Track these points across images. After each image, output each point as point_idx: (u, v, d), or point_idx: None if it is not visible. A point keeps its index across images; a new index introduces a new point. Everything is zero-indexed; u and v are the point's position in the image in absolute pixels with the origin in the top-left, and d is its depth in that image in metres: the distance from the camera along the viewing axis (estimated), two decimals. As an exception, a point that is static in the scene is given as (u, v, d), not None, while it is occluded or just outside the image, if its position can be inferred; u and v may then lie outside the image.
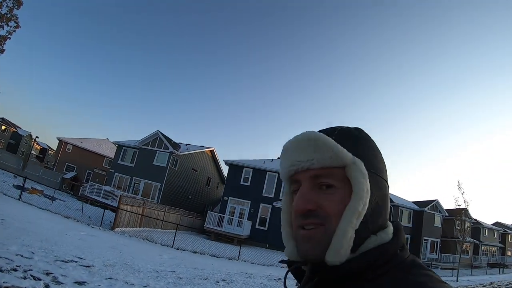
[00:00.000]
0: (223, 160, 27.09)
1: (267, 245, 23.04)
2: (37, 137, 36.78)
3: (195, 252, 14.71)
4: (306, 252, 0.55)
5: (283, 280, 0.63)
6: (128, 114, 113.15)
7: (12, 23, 11.28)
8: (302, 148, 0.58)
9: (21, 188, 19.04)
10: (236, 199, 25.14)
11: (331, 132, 0.61)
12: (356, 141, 0.60)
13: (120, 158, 27.75)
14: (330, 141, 0.56)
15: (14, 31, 10.98)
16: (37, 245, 7.23)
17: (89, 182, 27.83)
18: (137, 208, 18.28)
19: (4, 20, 10.83)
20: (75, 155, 34.80)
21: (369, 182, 0.55)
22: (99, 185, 25.58)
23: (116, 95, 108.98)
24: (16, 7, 11.18)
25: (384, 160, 0.63)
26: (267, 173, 25.73)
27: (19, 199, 16.60)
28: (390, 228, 0.59)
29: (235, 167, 25.90)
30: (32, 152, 55.93)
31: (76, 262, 6.74)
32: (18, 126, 57.53)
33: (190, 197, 29.30)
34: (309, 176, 0.57)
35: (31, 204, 16.49)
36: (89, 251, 8.43)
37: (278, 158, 30.32)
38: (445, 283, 0.49)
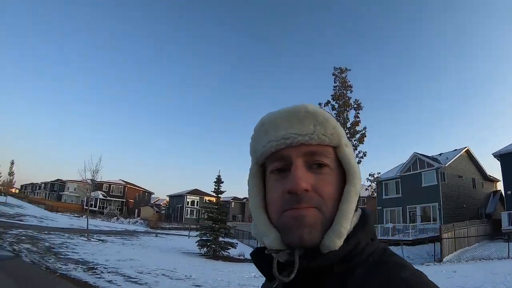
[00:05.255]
0: (492, 154, 24.02)
1: None
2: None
3: None
4: (301, 237, 0.46)
5: (273, 272, 0.47)
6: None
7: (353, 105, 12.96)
8: (299, 120, 0.50)
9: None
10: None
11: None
12: (337, 123, 0.54)
13: (384, 193, 28.26)
14: (332, 118, 0.51)
15: (358, 113, 12.39)
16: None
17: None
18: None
19: (347, 107, 12.59)
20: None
21: None
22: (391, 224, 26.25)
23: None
24: (349, 91, 13.00)
25: None
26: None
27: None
28: (359, 211, 0.53)
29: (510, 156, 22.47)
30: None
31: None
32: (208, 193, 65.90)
33: (464, 206, 27.01)
34: (304, 152, 0.49)
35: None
36: None
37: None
38: (423, 274, 0.46)
